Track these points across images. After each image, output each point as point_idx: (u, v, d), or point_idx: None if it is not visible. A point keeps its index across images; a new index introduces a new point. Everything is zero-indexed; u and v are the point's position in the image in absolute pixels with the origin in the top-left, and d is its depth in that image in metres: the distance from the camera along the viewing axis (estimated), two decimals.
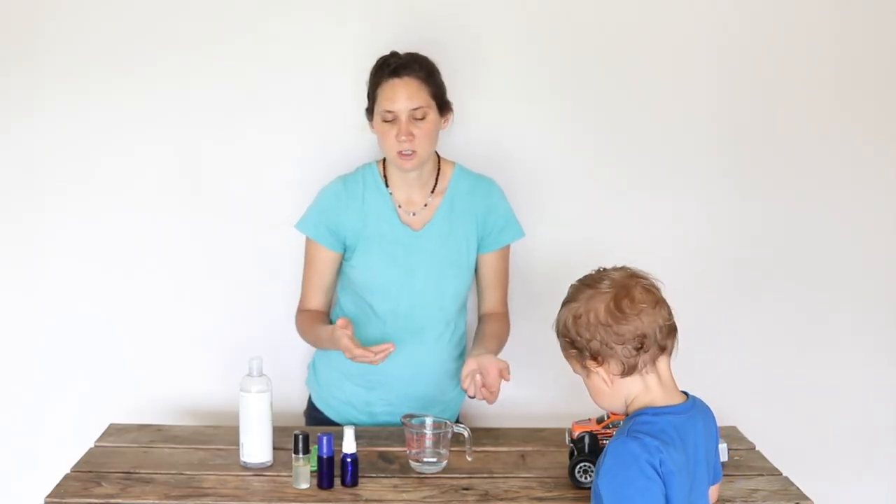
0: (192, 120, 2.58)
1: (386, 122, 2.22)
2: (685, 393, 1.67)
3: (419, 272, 2.30)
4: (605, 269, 1.67)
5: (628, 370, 1.60)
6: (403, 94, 2.20)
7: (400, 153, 2.22)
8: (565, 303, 1.67)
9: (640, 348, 1.59)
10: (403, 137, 2.19)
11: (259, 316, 2.63)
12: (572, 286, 1.68)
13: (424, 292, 2.30)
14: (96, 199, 2.61)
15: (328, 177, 2.39)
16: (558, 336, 1.67)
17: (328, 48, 2.57)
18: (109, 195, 2.61)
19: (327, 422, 2.39)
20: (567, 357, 1.68)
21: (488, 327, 2.37)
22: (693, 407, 1.65)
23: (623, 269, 1.66)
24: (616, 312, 1.59)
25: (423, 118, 2.21)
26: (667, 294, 1.65)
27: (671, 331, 1.63)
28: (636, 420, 1.59)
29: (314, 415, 2.43)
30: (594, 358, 1.61)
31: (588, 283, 1.65)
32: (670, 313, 1.63)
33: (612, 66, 2.61)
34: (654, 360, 1.61)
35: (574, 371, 1.69)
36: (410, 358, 2.30)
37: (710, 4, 2.61)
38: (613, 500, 1.54)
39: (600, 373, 1.62)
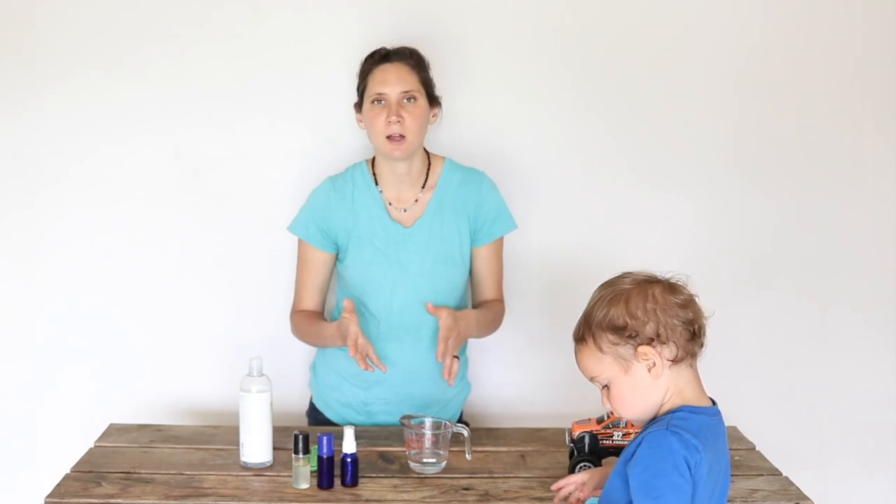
0: (190, 117, 2.57)
1: (375, 105, 2.24)
2: (710, 399, 1.63)
3: (411, 268, 2.30)
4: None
5: (681, 356, 1.54)
6: (394, 77, 2.23)
7: (390, 137, 2.22)
8: (602, 298, 1.57)
9: (694, 335, 1.55)
10: (394, 118, 2.21)
11: (259, 316, 2.62)
12: (602, 285, 1.61)
13: (417, 288, 2.29)
14: (94, 200, 2.60)
15: (328, 175, 2.40)
16: (598, 330, 1.56)
17: (327, 45, 2.56)
18: (107, 195, 2.59)
19: (327, 423, 2.39)
20: (597, 360, 1.57)
21: (479, 305, 2.39)
22: (719, 413, 1.61)
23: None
24: (672, 295, 1.54)
25: (413, 103, 2.23)
26: None
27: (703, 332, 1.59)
28: (674, 415, 1.54)
29: (315, 416, 2.44)
30: (649, 342, 1.54)
31: (620, 276, 1.60)
32: None
33: (620, 64, 2.59)
34: (694, 356, 1.57)
35: (595, 380, 1.59)
36: (406, 356, 2.30)
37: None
38: (643, 490, 1.49)
39: (651, 360, 1.53)
